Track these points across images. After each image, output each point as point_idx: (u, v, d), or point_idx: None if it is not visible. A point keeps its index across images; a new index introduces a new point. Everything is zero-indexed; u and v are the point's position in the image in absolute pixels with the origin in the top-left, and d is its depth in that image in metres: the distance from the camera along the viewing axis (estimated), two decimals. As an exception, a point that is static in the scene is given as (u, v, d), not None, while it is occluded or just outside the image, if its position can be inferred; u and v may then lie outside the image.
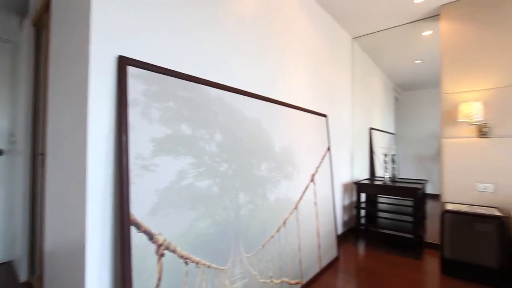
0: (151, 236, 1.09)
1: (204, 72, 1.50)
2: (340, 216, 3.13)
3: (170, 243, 1.16)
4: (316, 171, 2.36)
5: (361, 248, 2.94)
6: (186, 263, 1.21)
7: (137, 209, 1.07)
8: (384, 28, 3.20)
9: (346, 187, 3.31)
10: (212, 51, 1.56)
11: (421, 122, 6.00)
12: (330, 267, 2.41)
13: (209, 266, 1.31)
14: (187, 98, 1.33)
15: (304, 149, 2.24)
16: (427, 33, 3.22)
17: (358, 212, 3.07)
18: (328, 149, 2.64)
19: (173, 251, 1.17)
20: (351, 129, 3.49)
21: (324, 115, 2.68)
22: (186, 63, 1.40)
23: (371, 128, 4.09)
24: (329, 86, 2.96)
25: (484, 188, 2.42)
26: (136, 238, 1.04)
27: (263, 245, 1.66)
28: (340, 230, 3.11)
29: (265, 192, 1.74)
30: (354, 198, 3.17)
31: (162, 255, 1.12)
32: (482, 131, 2.42)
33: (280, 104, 2.03)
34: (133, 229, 1.04)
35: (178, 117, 1.26)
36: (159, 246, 1.12)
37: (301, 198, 2.11)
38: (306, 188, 2.20)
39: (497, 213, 2.20)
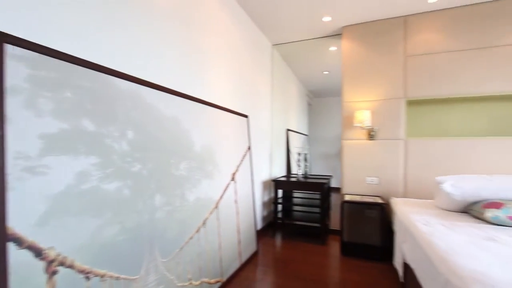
0: (38, 252, 0.91)
1: (117, 64, 1.34)
2: (259, 212, 3.30)
3: (65, 258, 0.99)
4: (237, 170, 2.42)
5: (278, 240, 3.17)
6: (87, 278, 1.06)
7: (18, 221, 0.87)
8: (299, 40, 3.53)
9: (266, 184, 3.52)
10: (129, 43, 1.42)
11: (329, 125, 6.90)
12: (250, 261, 2.52)
13: (117, 278, 1.18)
14: (91, 89, 1.16)
15: (226, 148, 2.27)
16: (333, 48, 3.72)
17: (276, 207, 3.31)
18: (249, 148, 2.74)
19: (70, 266, 1.00)
20: (271, 130, 3.73)
21: (245, 116, 2.78)
22: (93, 51, 1.23)
23: (288, 130, 4.45)
24: (250, 88, 3.08)
25: (372, 181, 2.96)
26: (17, 256, 0.85)
27: (181, 248, 1.60)
28: (259, 225, 3.28)
29: (183, 193, 1.68)
30: (273, 195, 3.39)
31: (54, 272, 0.95)
32: (371, 135, 2.95)
33: (202, 102, 2.00)
34: (11, 246, 0.85)
35: (78, 110, 1.09)
36: (50, 262, 0.94)
37: (221, 196, 2.13)
38: (227, 186, 2.23)
39: (379, 201, 2.72)
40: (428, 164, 2.76)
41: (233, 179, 2.33)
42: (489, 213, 1.79)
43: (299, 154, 3.59)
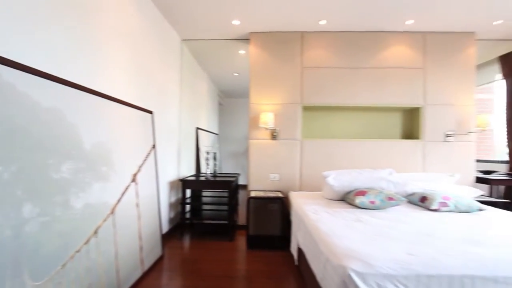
0: None
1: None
2: (165, 214, 3.12)
3: None
4: (139, 170, 2.22)
5: (186, 241, 3.09)
6: None
7: None
8: (209, 38, 3.52)
9: (173, 185, 3.36)
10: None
11: (239, 125, 7.17)
12: (155, 268, 2.35)
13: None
14: None
15: (125, 147, 2.04)
16: (242, 51, 3.88)
17: (183, 208, 3.20)
18: (154, 146, 2.56)
19: None
20: (179, 128, 3.58)
21: (150, 112, 2.58)
22: None
23: (198, 128, 4.38)
24: (157, 83, 2.88)
25: (274, 177, 3.25)
26: None
27: (63, 265, 1.35)
28: (166, 228, 3.11)
29: (67, 199, 1.42)
30: (181, 195, 3.28)
31: None
32: (273, 135, 3.24)
33: (95, 94, 1.73)
34: None
35: None
36: None
37: (119, 200, 1.91)
38: (127, 189, 2.02)
39: (280, 195, 3.01)
40: (319, 161, 3.24)
41: (134, 180, 2.13)
42: (358, 200, 2.25)
43: (207, 153, 3.59)
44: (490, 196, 3.33)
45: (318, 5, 2.71)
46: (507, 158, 3.68)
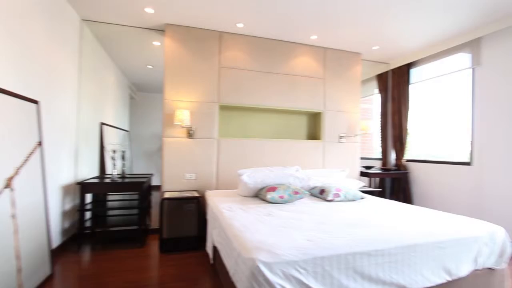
0: None
1: None
2: (57, 225, 2.64)
3: None
4: (16, 173, 1.79)
5: (86, 254, 2.68)
6: None
7: None
8: (117, 23, 3.14)
9: (68, 189, 2.86)
10: None
11: (153, 122, 6.66)
12: (38, 291, 1.95)
13: None
14: None
15: (-5, 145, 1.62)
16: (157, 43, 3.62)
17: (82, 215, 2.77)
18: (40, 144, 2.12)
19: None
20: (76, 122, 3.07)
21: (35, 101, 2.12)
22: None
23: (103, 123, 3.86)
24: (45, 67, 2.38)
25: (190, 177, 3.17)
26: None
27: None
28: (57, 241, 2.62)
29: None
30: (79, 201, 2.82)
31: None
32: (190, 133, 3.16)
33: None
34: None
35: None
36: None
37: (-15, 213, 1.50)
38: (-3, 198, 1.60)
39: (196, 194, 2.96)
40: (235, 160, 3.34)
41: (8, 185, 1.71)
42: (269, 195, 2.43)
43: (114, 151, 3.20)
44: (369, 186, 4.14)
45: (234, 8, 2.79)
46: (381, 156, 4.65)
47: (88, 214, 3.03)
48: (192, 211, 2.83)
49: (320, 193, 2.74)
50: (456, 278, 1.63)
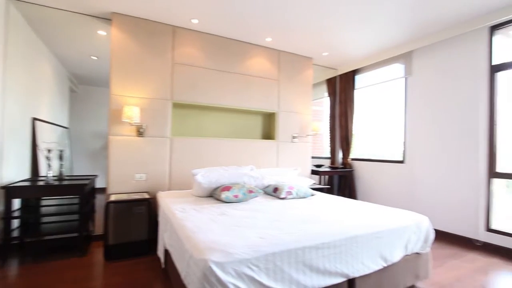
0: None
1: None
2: (-26, 237, 2.25)
3: None
4: None
5: (14, 269, 2.34)
6: None
7: None
8: (53, 6, 2.80)
9: (-11, 195, 2.46)
10: None
11: (98, 118, 6.10)
12: None
13: None
14: None
15: None
16: (102, 32, 3.32)
17: (8, 224, 2.41)
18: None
19: None
20: (1, 117, 2.66)
21: None
22: None
23: (36, 119, 3.41)
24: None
25: (140, 178, 2.99)
26: None
27: None
28: (-27, 257, 2.24)
29: None
30: (3, 207, 2.45)
31: None
32: (139, 131, 2.97)
33: None
34: None
35: None
36: None
37: None
38: None
39: (147, 196, 2.81)
40: (188, 159, 3.25)
41: None
42: (223, 195, 2.42)
43: (49, 150, 2.85)
44: (320, 184, 4.40)
45: (189, 2, 2.71)
46: (330, 155, 4.98)
47: (16, 222, 2.65)
48: (142, 213, 2.67)
49: (274, 191, 2.82)
50: (390, 264, 1.83)
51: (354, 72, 4.55)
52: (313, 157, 4.36)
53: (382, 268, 1.79)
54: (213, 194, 2.63)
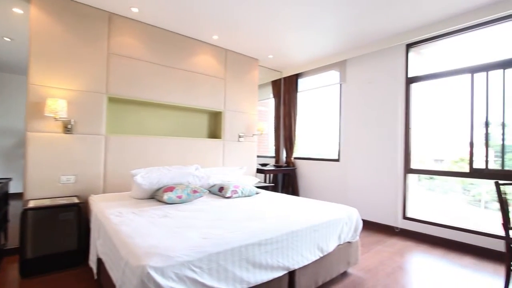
0: None
1: None
2: None
3: None
4: None
5: None
6: None
7: None
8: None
9: None
10: None
11: (11, 112, 5.18)
12: None
13: None
14: None
15: None
16: (18, 11, 2.83)
17: None
18: None
19: None
20: None
21: None
22: None
23: None
24: None
25: (67, 180, 2.64)
26: None
27: None
28: None
29: None
30: None
31: None
32: (67, 128, 2.62)
33: None
34: None
35: None
36: None
37: None
38: None
39: (76, 200, 2.50)
40: (128, 159, 3.00)
41: None
42: (166, 196, 2.31)
43: None
44: (265, 182, 4.54)
45: (130, -10, 2.51)
46: (274, 154, 5.18)
47: None
48: (70, 220, 2.36)
49: (219, 191, 2.81)
50: (326, 254, 2.00)
51: (297, 76, 4.81)
52: (258, 156, 4.47)
53: (319, 258, 1.94)
54: (155, 196, 2.49)
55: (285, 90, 4.97)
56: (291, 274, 1.76)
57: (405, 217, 3.42)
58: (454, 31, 3.01)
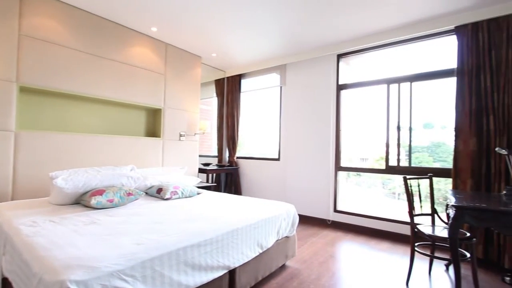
0: None
1: None
2: None
3: None
4: None
5: None
6: None
7: None
8: None
9: None
10: None
11: None
12: None
13: None
14: None
15: None
16: None
17: None
18: None
19: None
20: None
21: None
22: None
23: None
24: None
25: (-41, 186, 2.15)
26: None
27: None
28: None
29: None
30: None
31: None
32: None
33: None
34: None
35: None
36: None
37: None
38: None
39: (-28, 210, 2.05)
40: (46, 160, 2.60)
41: None
42: (94, 200, 2.08)
43: None
44: (207, 182, 4.47)
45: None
46: (217, 153, 5.14)
47: None
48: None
49: (158, 192, 2.65)
50: (265, 250, 2.07)
51: (240, 76, 4.86)
52: (201, 156, 4.37)
53: (258, 255, 1.99)
54: (80, 201, 2.21)
55: (229, 90, 4.98)
56: (232, 273, 1.78)
57: (336, 210, 3.77)
58: (376, 46, 3.45)
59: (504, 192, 2.03)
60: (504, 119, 2.51)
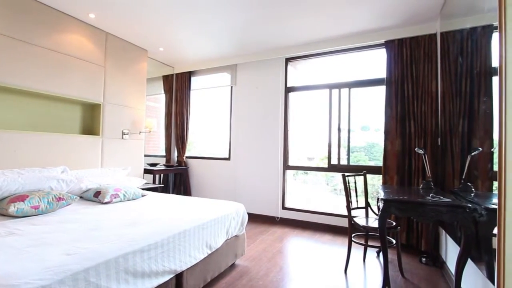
0: None
1: None
2: None
3: None
4: None
5: None
6: None
7: None
8: None
9: None
10: None
11: None
12: None
13: None
14: None
15: None
16: None
17: None
18: None
19: None
20: None
21: None
22: None
23: None
24: None
25: None
26: None
27: None
28: None
29: None
30: None
31: None
32: None
33: None
34: None
35: None
36: None
37: None
38: None
39: None
40: None
41: None
42: (13, 207, 1.79)
43: None
44: (154, 183, 4.23)
45: None
46: (165, 153, 4.90)
47: None
48: None
49: (96, 196, 2.42)
50: (214, 250, 2.05)
51: (190, 74, 4.71)
52: (147, 156, 4.12)
53: (207, 256, 1.97)
54: (-5, 209, 1.88)
55: (178, 87, 4.79)
56: (179, 277, 1.72)
57: (284, 208, 3.93)
58: (320, 53, 3.70)
59: (421, 185, 2.38)
60: (422, 124, 2.94)
